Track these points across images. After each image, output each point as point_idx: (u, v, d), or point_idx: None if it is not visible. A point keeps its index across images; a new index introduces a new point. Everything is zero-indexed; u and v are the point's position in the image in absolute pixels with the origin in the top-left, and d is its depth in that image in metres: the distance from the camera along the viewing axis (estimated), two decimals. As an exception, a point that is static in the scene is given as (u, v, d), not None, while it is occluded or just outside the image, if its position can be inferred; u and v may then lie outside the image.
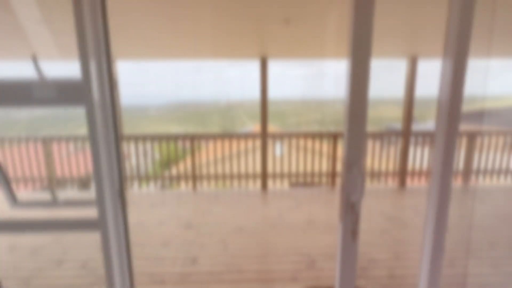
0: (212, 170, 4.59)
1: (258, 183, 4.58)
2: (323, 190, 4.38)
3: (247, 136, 4.46)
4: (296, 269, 2.28)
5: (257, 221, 3.23)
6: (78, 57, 0.96)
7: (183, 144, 4.62)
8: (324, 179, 4.67)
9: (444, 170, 1.04)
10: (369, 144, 4.74)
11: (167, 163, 4.51)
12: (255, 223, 3.19)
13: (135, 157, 4.59)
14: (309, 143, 4.54)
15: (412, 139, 4.53)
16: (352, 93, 1.00)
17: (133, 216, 3.41)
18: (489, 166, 4.67)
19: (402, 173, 4.58)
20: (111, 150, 1.02)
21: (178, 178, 4.57)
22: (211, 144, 4.54)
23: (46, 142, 4.26)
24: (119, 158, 1.08)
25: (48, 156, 4.30)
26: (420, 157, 4.63)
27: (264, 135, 4.34)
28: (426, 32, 3.08)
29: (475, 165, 4.69)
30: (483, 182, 4.78)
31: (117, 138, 1.07)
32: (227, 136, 4.52)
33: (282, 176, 4.60)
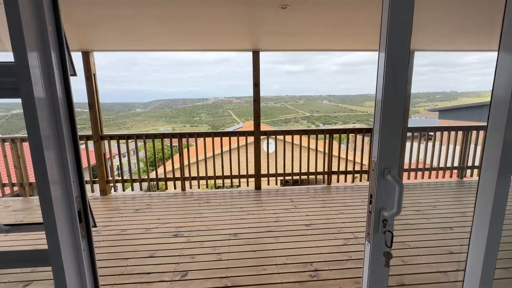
0: (202, 170, 4.31)
1: (251, 182, 4.34)
2: (319, 189, 4.20)
3: (239, 133, 4.20)
4: (298, 281, 2.06)
5: (252, 225, 2.99)
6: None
7: (171, 142, 4.31)
8: (318, 177, 4.49)
9: (502, 166, 0.83)
10: (360, 140, 4.60)
11: (153, 163, 4.19)
12: (250, 227, 2.95)
13: (120, 158, 4.24)
14: (301, 139, 4.34)
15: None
16: (387, 89, 0.78)
17: (116, 223, 3.09)
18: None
19: (399, 169, 4.46)
20: (64, 156, 0.74)
21: (166, 179, 4.26)
22: (200, 142, 4.25)
23: (16, 143, 3.84)
24: (79, 167, 0.81)
25: (19, 158, 3.89)
26: (417, 152, 4.53)
27: (257, 131, 4.10)
28: (422, 24, 2.92)
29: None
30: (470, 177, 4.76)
31: (76, 140, 0.79)
32: (219, 134, 4.24)
33: (275, 174, 4.38)
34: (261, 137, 4.17)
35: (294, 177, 4.46)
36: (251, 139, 4.19)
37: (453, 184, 4.45)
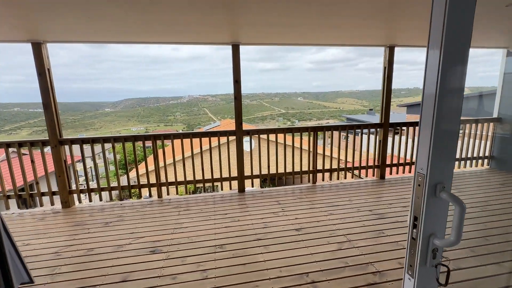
0: (179, 172, 3.96)
1: (233, 184, 4.08)
2: (304, 189, 4.05)
3: (220, 133, 3.91)
4: (296, 297, 1.86)
5: (239, 234, 2.75)
6: None
7: (143, 144, 3.90)
8: (299, 175, 4.36)
9: None
10: (336, 135, 4.54)
11: (124, 167, 3.76)
12: (236, 236, 2.71)
13: (84, 164, 3.74)
14: (285, 138, 4.16)
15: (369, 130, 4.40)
16: (443, 87, 0.60)
17: (81, 241, 2.68)
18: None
19: (382, 165, 4.46)
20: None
21: (139, 185, 3.85)
22: (177, 142, 3.89)
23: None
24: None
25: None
26: (398, 147, 4.57)
27: (239, 131, 3.84)
28: (404, 19, 2.86)
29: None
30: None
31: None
32: (197, 135, 3.92)
33: (259, 175, 4.17)
34: (244, 137, 3.92)
35: (279, 177, 4.28)
36: (231, 138, 3.92)
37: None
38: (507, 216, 3.03)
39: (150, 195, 3.90)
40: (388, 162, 4.50)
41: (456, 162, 4.85)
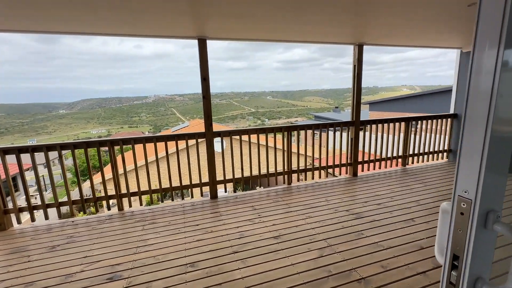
0: (143, 179, 3.56)
1: (204, 189, 3.79)
2: (280, 191, 3.90)
3: (188, 136, 3.58)
4: (279, 319, 1.67)
5: (213, 248, 2.48)
6: None
7: (98, 150, 3.42)
8: (273, 176, 4.21)
9: None
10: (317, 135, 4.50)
11: (76, 178, 3.25)
12: (210, 250, 2.44)
13: (22, 177, 3.16)
14: (259, 138, 3.97)
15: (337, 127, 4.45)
16: (503, 86, 0.42)
17: (18, 273, 2.20)
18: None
19: (354, 162, 4.49)
20: None
21: (95, 198, 3.37)
22: (139, 147, 3.48)
23: None
24: None
25: None
26: (369, 144, 4.64)
27: (209, 133, 3.55)
28: (372, 18, 2.84)
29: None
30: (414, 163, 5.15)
31: None
32: (162, 139, 3.54)
33: (233, 179, 3.92)
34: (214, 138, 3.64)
35: (250, 178, 4.07)
36: (201, 140, 3.62)
37: (399, 173, 4.68)
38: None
39: (109, 208, 3.44)
40: (359, 159, 4.54)
41: (420, 157, 5.08)
